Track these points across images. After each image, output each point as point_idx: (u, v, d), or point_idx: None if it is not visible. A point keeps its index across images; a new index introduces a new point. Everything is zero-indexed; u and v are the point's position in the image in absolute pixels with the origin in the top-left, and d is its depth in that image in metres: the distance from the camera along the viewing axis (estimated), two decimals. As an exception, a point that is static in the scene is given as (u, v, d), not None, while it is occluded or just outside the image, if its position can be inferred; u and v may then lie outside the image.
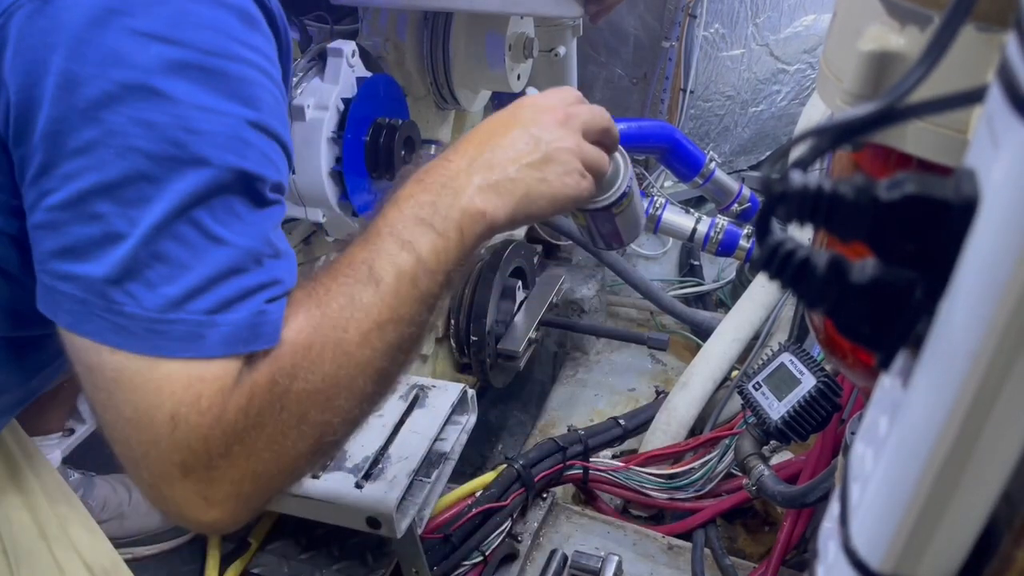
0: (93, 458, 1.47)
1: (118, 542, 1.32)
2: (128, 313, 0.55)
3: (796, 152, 0.34)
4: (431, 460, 1.20)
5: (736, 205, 2.05)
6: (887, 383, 0.37)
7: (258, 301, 0.59)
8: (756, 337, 1.74)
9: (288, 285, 0.62)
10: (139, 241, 0.54)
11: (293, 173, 0.66)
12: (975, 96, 0.32)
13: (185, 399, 0.56)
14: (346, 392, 0.62)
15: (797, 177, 0.32)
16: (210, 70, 0.56)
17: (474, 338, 1.68)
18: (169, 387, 0.56)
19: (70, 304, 0.56)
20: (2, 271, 0.64)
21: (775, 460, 1.39)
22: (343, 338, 0.61)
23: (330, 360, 0.61)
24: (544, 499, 1.47)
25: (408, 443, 1.18)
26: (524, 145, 0.73)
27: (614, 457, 1.59)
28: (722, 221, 1.95)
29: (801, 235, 0.91)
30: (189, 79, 0.55)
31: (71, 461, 1.40)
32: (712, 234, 1.92)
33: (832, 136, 0.33)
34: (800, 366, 1.10)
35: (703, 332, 1.91)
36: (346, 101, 1.23)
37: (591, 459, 1.53)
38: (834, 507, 0.41)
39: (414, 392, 1.26)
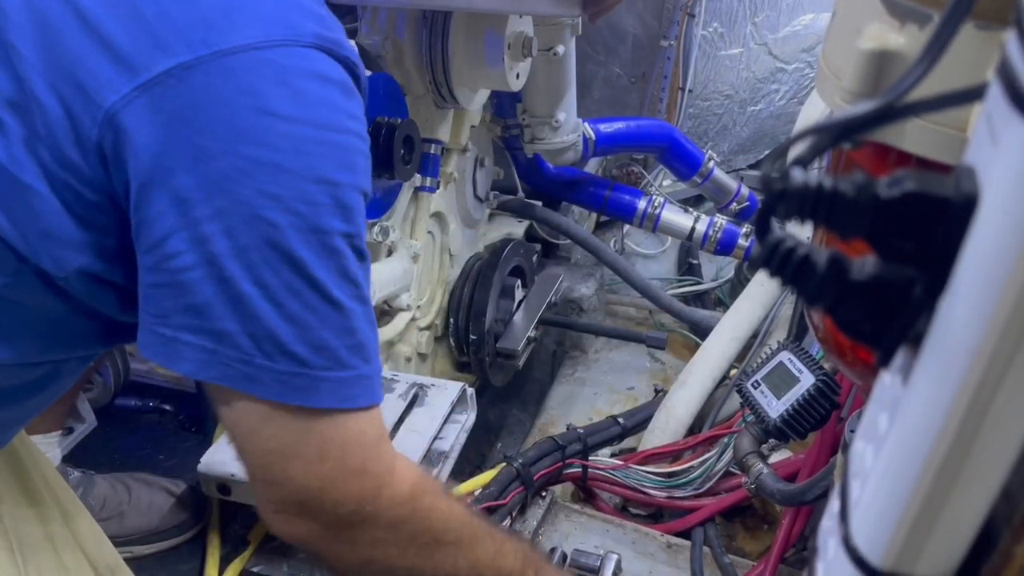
0: (92, 457, 1.47)
1: (117, 540, 1.32)
2: (258, 364, 0.62)
3: (795, 150, 0.34)
4: (430, 458, 1.20)
5: (735, 204, 2.06)
6: (887, 380, 0.37)
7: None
8: (755, 336, 1.74)
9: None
10: (267, 303, 0.61)
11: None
12: (975, 94, 0.32)
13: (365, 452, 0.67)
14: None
15: (797, 175, 0.32)
16: (324, 143, 0.61)
17: (473, 337, 1.68)
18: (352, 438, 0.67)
19: (194, 353, 0.62)
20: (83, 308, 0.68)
21: (774, 458, 1.39)
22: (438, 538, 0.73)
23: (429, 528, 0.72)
24: (543, 497, 1.47)
25: (407, 441, 1.18)
26: None
27: (613, 455, 1.59)
28: (720, 220, 1.95)
29: (800, 233, 0.91)
30: (308, 153, 0.60)
31: (70, 460, 1.40)
32: (711, 233, 1.93)
33: (832, 134, 0.33)
34: (799, 364, 1.10)
35: (702, 331, 1.92)
36: (345, 100, 1.23)
37: (590, 457, 1.53)
38: (834, 504, 0.41)
39: (413, 391, 1.26)
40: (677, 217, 1.95)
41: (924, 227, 0.31)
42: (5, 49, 0.59)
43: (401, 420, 1.21)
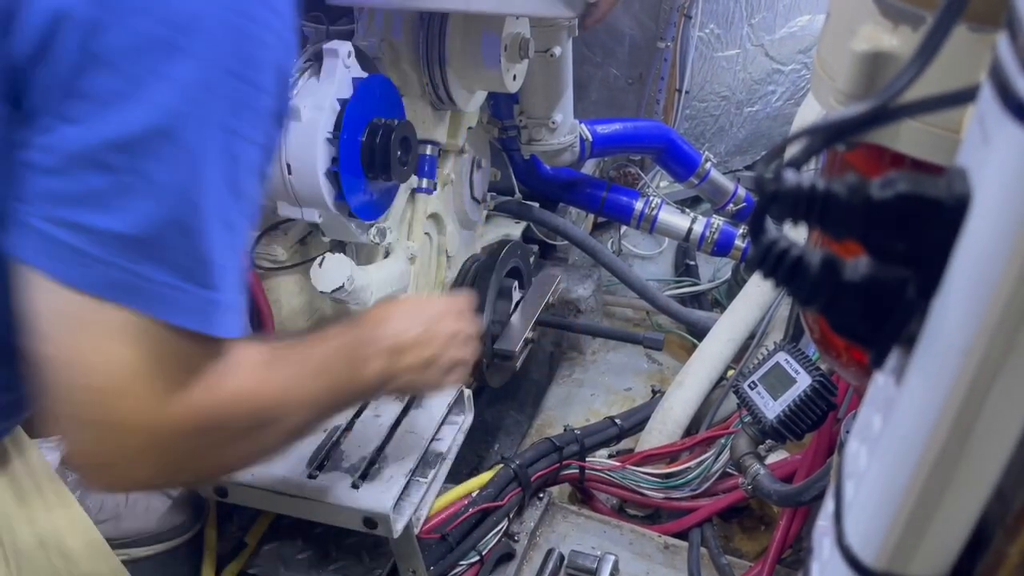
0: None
1: (114, 543, 1.32)
2: (132, 271, 0.57)
3: (790, 152, 0.34)
4: (428, 460, 1.20)
5: (731, 205, 2.06)
6: (880, 381, 0.37)
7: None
8: (752, 336, 1.74)
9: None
10: (153, 200, 0.56)
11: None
12: (967, 95, 0.32)
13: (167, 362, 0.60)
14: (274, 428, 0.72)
15: (791, 176, 0.32)
16: (233, 28, 0.57)
17: (470, 338, 1.68)
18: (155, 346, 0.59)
19: (62, 251, 0.56)
20: None
21: (771, 459, 1.39)
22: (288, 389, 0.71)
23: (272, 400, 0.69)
24: (540, 499, 1.47)
25: (405, 443, 1.18)
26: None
27: (610, 456, 1.59)
28: (717, 221, 1.95)
29: (796, 235, 0.91)
30: (214, 38, 0.56)
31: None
32: (708, 234, 1.93)
33: (826, 135, 0.33)
34: (795, 365, 1.10)
35: (699, 332, 1.92)
36: (342, 101, 1.23)
37: (587, 459, 1.53)
38: (829, 504, 0.41)
39: (410, 392, 1.26)
40: (674, 218, 1.95)
41: (916, 228, 0.31)
42: None
43: (398, 421, 1.21)
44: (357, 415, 1.22)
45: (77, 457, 0.62)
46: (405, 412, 1.23)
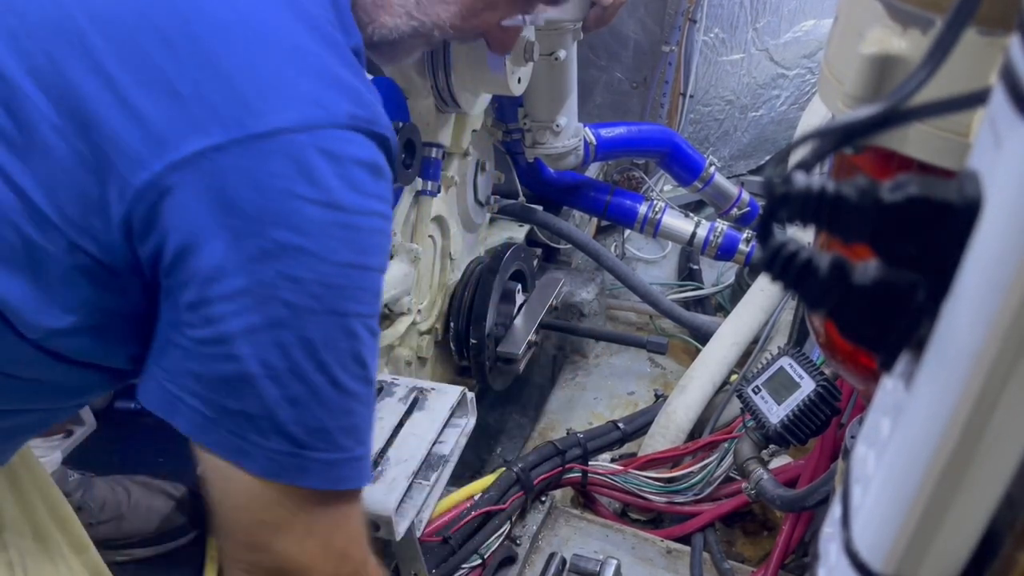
0: (92, 459, 1.47)
1: (116, 543, 1.32)
2: (252, 441, 0.62)
3: (798, 154, 0.34)
4: (430, 463, 1.20)
5: (735, 209, 2.06)
6: (889, 385, 0.37)
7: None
8: (755, 341, 1.74)
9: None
10: (271, 384, 0.61)
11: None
12: (978, 98, 0.32)
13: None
14: None
15: (800, 178, 0.32)
16: (349, 226, 0.62)
17: (473, 341, 1.68)
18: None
19: (193, 415, 0.62)
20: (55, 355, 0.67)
21: (774, 464, 1.39)
22: None
23: None
24: (543, 502, 1.47)
25: (407, 446, 1.17)
26: None
27: (613, 460, 1.59)
28: (721, 225, 1.95)
29: (801, 238, 0.91)
30: (333, 237, 0.61)
31: (70, 462, 1.40)
32: (711, 238, 1.93)
33: (836, 137, 0.33)
34: (799, 370, 1.10)
35: (702, 336, 1.92)
36: (347, 103, 1.23)
37: (590, 462, 1.53)
38: (835, 509, 0.41)
39: (413, 395, 1.26)
40: (678, 222, 1.95)
41: (927, 231, 0.31)
42: (30, 128, 0.58)
43: (401, 424, 1.21)
44: (360, 417, 1.22)
45: (237, 569, 0.68)
46: (408, 415, 1.23)
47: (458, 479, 1.39)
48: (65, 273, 0.61)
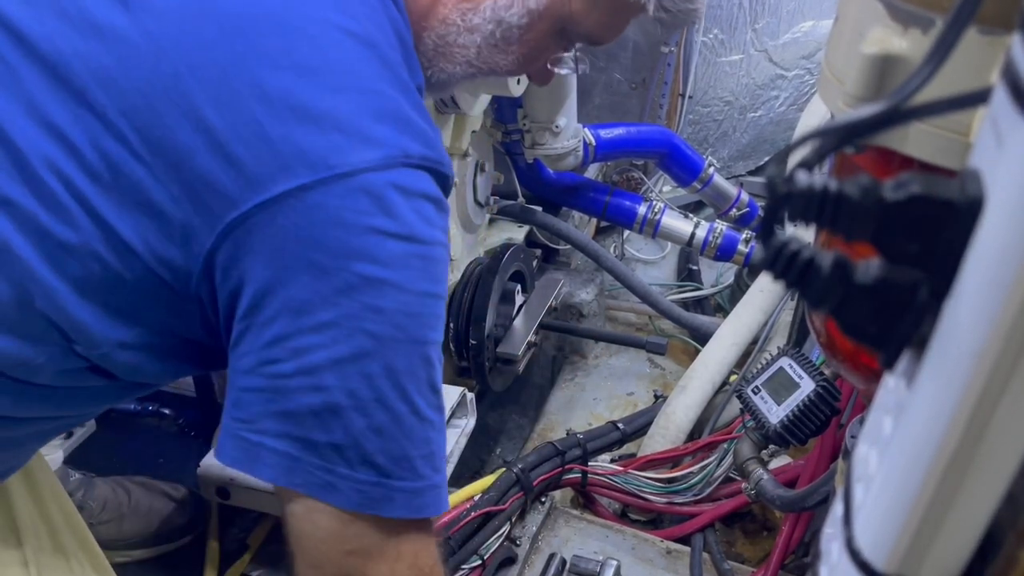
0: (92, 459, 1.47)
1: (116, 544, 1.32)
2: (339, 474, 0.64)
3: (799, 153, 0.34)
4: (430, 463, 1.20)
5: (734, 210, 2.06)
6: (891, 384, 0.37)
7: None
8: (755, 341, 1.74)
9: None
10: (357, 414, 0.63)
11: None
12: (980, 97, 0.32)
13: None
14: None
15: (802, 177, 0.32)
16: (424, 257, 0.65)
17: (473, 342, 1.68)
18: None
19: (278, 459, 0.64)
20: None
21: (774, 464, 1.39)
22: None
23: None
24: (543, 503, 1.46)
25: (407, 446, 1.17)
26: None
27: (612, 461, 1.59)
28: (720, 226, 1.95)
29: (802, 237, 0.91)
30: (411, 268, 0.64)
31: (71, 462, 1.40)
32: (710, 238, 1.93)
33: (838, 136, 0.33)
34: (799, 370, 1.10)
35: (702, 336, 1.92)
36: (347, 104, 1.23)
37: (590, 463, 1.53)
38: (837, 508, 0.41)
39: (413, 395, 1.26)
40: (677, 223, 1.95)
41: (929, 230, 0.31)
42: (118, 165, 0.61)
43: (401, 424, 1.21)
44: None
45: None
46: (408, 415, 1.23)
47: (458, 480, 1.39)
48: (138, 295, 0.65)
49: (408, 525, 0.68)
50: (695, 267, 2.33)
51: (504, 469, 1.40)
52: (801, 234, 0.96)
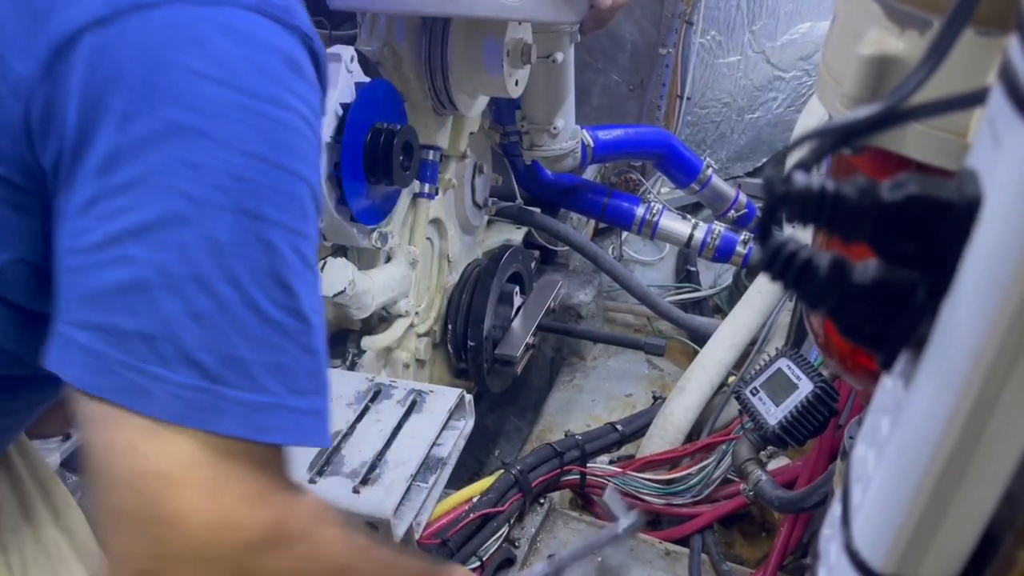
0: (89, 463, 1.47)
1: (113, 547, 1.31)
2: (153, 374, 0.51)
3: (797, 154, 0.34)
4: (428, 465, 1.20)
5: (732, 211, 2.06)
6: (889, 384, 0.37)
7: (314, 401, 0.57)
8: (753, 342, 1.74)
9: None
10: (171, 295, 0.51)
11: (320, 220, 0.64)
12: (977, 98, 0.32)
13: (209, 485, 0.52)
14: None
15: (800, 178, 0.32)
16: (256, 113, 0.54)
17: (471, 343, 1.68)
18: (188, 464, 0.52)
19: (84, 356, 0.52)
20: (11, 305, 0.59)
21: (772, 465, 1.39)
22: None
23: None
24: (541, 504, 1.46)
25: (405, 448, 1.17)
26: None
27: (611, 462, 1.59)
28: (719, 227, 1.95)
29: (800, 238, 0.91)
30: (237, 121, 0.53)
31: (69, 465, 1.39)
32: (709, 240, 1.93)
33: (835, 137, 0.33)
34: (797, 371, 1.10)
35: (700, 337, 1.92)
36: (345, 106, 1.23)
37: (588, 464, 1.53)
38: (835, 509, 0.41)
39: (411, 397, 1.26)
40: (675, 224, 1.95)
41: (927, 230, 0.31)
42: None
43: (399, 426, 1.21)
44: (358, 420, 1.22)
45: (121, 564, 0.53)
46: (406, 417, 1.23)
47: (456, 481, 1.39)
48: None
49: (246, 451, 0.53)
50: (693, 268, 2.34)
51: (503, 471, 1.40)
52: (799, 235, 0.96)
